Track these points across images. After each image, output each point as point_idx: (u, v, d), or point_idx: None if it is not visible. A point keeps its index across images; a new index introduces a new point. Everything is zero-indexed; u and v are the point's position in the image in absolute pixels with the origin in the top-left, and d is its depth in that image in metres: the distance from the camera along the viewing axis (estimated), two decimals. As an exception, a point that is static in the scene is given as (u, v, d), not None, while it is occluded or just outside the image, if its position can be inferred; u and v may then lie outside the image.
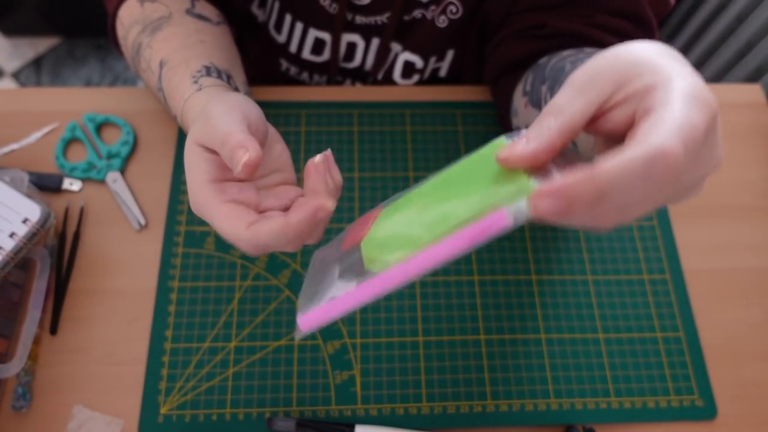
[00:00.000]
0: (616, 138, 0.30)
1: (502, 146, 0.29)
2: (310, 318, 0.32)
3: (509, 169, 0.28)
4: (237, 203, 0.36)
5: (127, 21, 0.52)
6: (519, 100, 0.54)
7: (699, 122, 0.25)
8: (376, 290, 0.29)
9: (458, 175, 0.31)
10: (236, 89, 0.48)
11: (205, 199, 0.36)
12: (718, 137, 0.28)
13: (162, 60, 0.49)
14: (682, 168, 0.24)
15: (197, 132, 0.37)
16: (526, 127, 0.53)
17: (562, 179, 0.24)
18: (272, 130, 0.40)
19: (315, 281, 0.35)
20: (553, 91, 0.45)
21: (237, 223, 0.35)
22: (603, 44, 0.51)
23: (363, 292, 0.30)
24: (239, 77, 0.51)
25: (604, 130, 0.30)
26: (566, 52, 0.49)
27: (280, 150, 0.40)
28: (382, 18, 0.59)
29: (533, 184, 0.26)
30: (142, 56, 0.51)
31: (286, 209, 0.38)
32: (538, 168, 0.28)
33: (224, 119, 0.36)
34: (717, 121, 0.27)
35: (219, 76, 0.47)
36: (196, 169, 0.37)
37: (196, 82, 0.46)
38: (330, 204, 0.33)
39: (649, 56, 0.29)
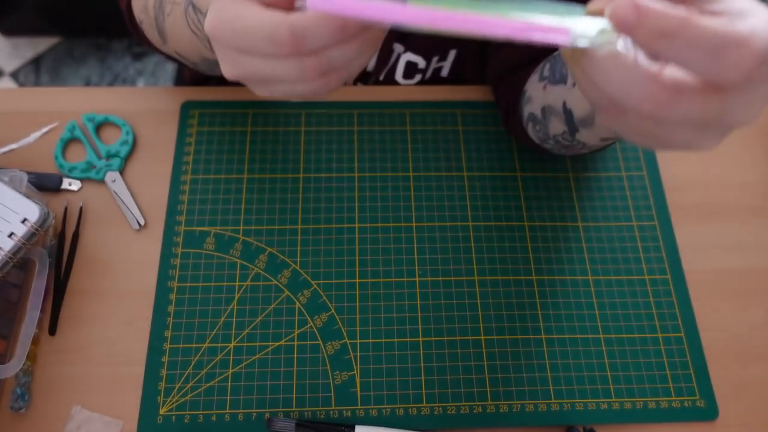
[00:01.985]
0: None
1: None
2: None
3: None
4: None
5: None
6: (534, 87, 0.53)
7: None
8: (398, 17, 0.26)
9: None
10: None
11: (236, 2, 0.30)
12: None
13: None
14: (755, 67, 0.23)
15: None
16: (543, 110, 0.51)
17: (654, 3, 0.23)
18: None
19: None
20: None
21: (274, 11, 0.29)
22: None
23: (385, 10, 0.26)
24: None
25: None
26: None
27: None
28: None
29: (609, 26, 0.24)
30: (165, 2, 0.48)
31: None
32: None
33: None
34: None
35: None
36: None
37: None
38: None
39: None
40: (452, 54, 0.63)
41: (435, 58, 0.63)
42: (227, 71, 0.32)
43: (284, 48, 0.28)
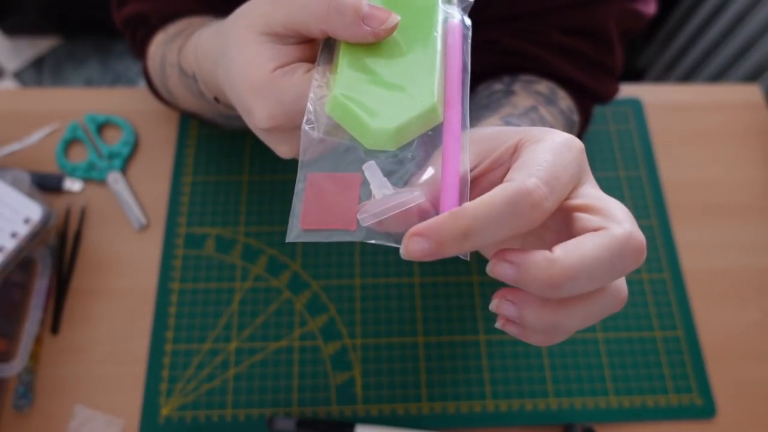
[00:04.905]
0: None
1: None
2: None
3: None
4: None
5: (153, 50, 0.51)
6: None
7: (563, 159, 0.26)
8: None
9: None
10: None
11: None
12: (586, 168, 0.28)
13: (180, 46, 0.46)
14: (545, 202, 0.24)
15: (260, 17, 0.30)
16: None
17: (430, 221, 0.24)
18: None
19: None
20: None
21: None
22: (551, 67, 0.50)
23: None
24: None
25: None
26: (506, 78, 0.50)
27: None
28: None
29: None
30: (167, 63, 0.48)
31: None
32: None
33: None
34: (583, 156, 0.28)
35: None
36: (255, 62, 0.30)
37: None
38: None
39: (513, 131, 0.29)
40: None
41: None
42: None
43: None
